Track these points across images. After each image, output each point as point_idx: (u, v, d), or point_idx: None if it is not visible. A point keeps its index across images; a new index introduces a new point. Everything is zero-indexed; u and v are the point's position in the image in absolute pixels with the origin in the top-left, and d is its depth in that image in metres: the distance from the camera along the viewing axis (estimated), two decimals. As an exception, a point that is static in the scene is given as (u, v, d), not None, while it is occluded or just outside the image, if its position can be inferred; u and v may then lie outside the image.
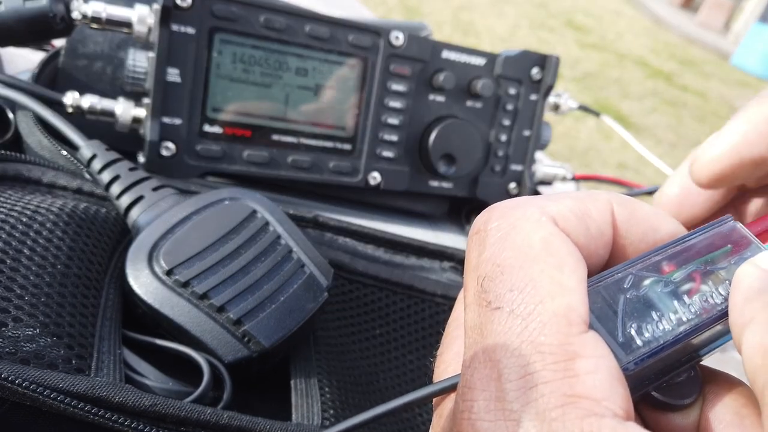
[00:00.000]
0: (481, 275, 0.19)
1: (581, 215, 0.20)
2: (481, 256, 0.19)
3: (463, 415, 0.17)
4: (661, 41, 6.45)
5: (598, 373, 0.16)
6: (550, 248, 0.19)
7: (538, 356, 0.17)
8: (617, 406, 0.16)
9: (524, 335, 0.17)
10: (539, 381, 0.16)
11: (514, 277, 0.18)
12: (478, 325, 0.18)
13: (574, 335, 0.17)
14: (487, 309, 0.18)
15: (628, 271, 0.20)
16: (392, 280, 0.40)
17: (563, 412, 0.16)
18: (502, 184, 0.54)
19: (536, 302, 0.18)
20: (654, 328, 0.18)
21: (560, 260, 0.18)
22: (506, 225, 0.19)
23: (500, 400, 0.17)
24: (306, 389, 0.31)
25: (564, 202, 0.20)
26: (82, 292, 0.30)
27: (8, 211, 0.31)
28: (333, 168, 0.48)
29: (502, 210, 0.20)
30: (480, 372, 0.18)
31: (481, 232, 0.20)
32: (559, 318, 0.17)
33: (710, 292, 0.20)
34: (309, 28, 0.44)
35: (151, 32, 0.41)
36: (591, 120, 3.44)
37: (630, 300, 0.19)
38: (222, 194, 0.35)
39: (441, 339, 0.39)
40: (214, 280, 0.31)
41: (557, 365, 0.17)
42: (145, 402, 0.25)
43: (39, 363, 0.25)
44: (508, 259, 0.19)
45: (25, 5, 0.41)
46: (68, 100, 0.42)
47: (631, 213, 0.21)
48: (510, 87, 0.52)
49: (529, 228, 0.19)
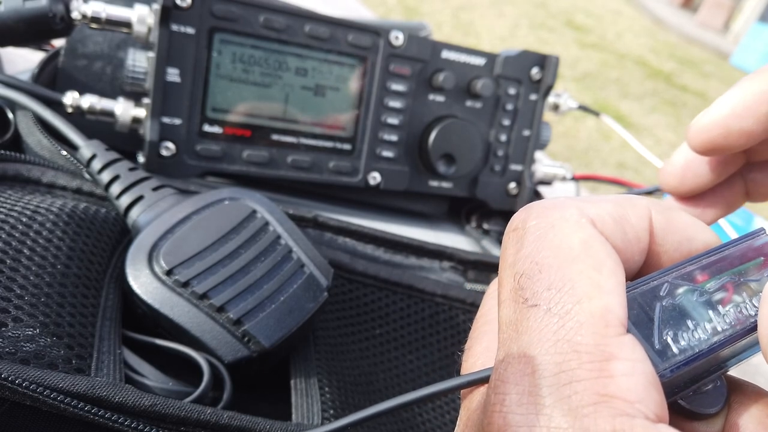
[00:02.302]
0: (519, 272, 0.19)
1: (620, 219, 0.20)
2: (518, 254, 0.19)
3: (495, 407, 0.18)
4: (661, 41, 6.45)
5: (633, 375, 0.17)
6: (589, 250, 0.19)
7: (574, 355, 0.17)
8: (650, 411, 0.16)
9: (560, 333, 0.17)
10: (573, 379, 0.17)
11: (553, 276, 0.18)
12: (514, 321, 0.19)
13: (611, 336, 0.17)
14: (523, 306, 0.18)
15: (664, 279, 0.20)
16: (392, 280, 0.40)
17: (595, 409, 0.16)
18: (502, 183, 0.54)
19: (574, 302, 0.18)
20: (690, 336, 0.19)
21: (599, 262, 0.18)
22: (545, 224, 0.19)
23: (533, 394, 0.17)
24: (306, 389, 0.31)
25: (603, 205, 0.20)
26: (82, 292, 0.30)
27: (8, 211, 0.31)
28: (333, 168, 0.48)
29: (540, 209, 0.20)
30: (514, 367, 0.18)
31: (519, 230, 0.20)
32: (596, 319, 0.17)
33: (743, 303, 0.20)
34: (309, 28, 0.44)
35: (151, 32, 0.41)
36: (591, 120, 3.44)
37: (666, 308, 0.19)
38: (222, 194, 0.35)
39: (441, 338, 0.39)
40: (213, 280, 0.31)
41: (592, 365, 0.17)
42: (144, 402, 0.25)
43: (39, 363, 0.25)
44: (547, 258, 0.19)
45: (25, 5, 0.41)
46: (68, 100, 0.42)
47: (668, 221, 0.21)
48: (510, 87, 0.52)
49: (569, 229, 0.19)
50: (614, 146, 3.36)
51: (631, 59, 5.28)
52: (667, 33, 6.98)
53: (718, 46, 7.02)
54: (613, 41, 5.70)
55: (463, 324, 0.40)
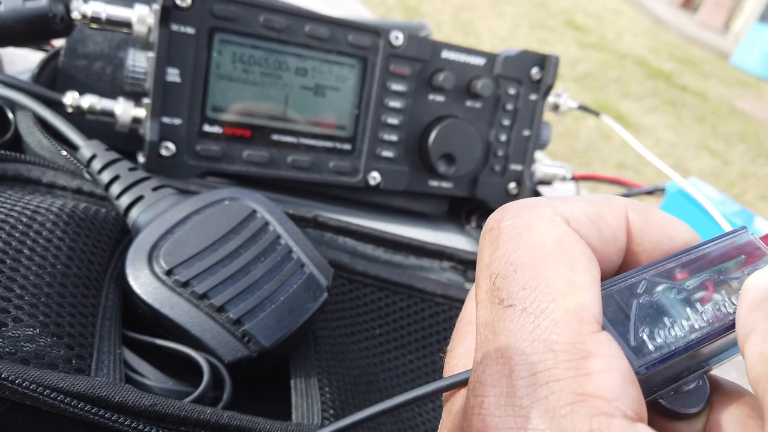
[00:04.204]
0: (494, 273, 0.19)
1: (595, 219, 0.20)
2: (494, 254, 0.20)
3: (474, 410, 0.18)
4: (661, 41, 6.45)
5: (610, 372, 0.17)
6: (563, 247, 0.19)
7: (550, 354, 0.17)
8: (628, 407, 0.16)
9: (536, 333, 0.17)
10: (550, 378, 0.17)
11: (527, 275, 0.18)
12: (490, 322, 0.19)
13: (586, 334, 0.17)
14: (499, 306, 0.18)
15: (641, 276, 0.20)
16: (392, 279, 0.40)
17: (572, 409, 0.16)
18: (502, 183, 0.54)
19: (549, 300, 0.18)
20: (666, 333, 0.19)
21: (573, 259, 0.18)
22: (520, 224, 0.20)
23: (511, 396, 0.17)
24: (306, 389, 0.31)
25: (578, 204, 0.20)
26: (82, 292, 0.30)
27: (8, 211, 0.31)
28: (333, 168, 0.48)
29: (515, 209, 0.20)
30: (491, 368, 0.18)
31: (494, 230, 0.20)
32: (571, 316, 0.17)
33: (722, 302, 0.20)
34: (309, 28, 0.44)
35: (151, 32, 0.41)
36: (591, 120, 3.44)
37: (643, 305, 0.19)
38: (222, 194, 0.35)
39: (441, 338, 0.39)
40: (213, 280, 0.31)
41: (569, 363, 0.17)
42: (145, 402, 0.25)
43: (39, 363, 0.25)
44: (521, 258, 0.19)
45: (25, 5, 0.41)
46: (68, 100, 0.42)
47: (646, 220, 0.21)
48: (510, 87, 0.52)
49: (543, 227, 0.19)
50: (614, 146, 3.36)
51: (631, 59, 5.28)
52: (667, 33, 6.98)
53: (718, 46, 7.02)
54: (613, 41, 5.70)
55: (463, 324, 0.40)
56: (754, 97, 5.55)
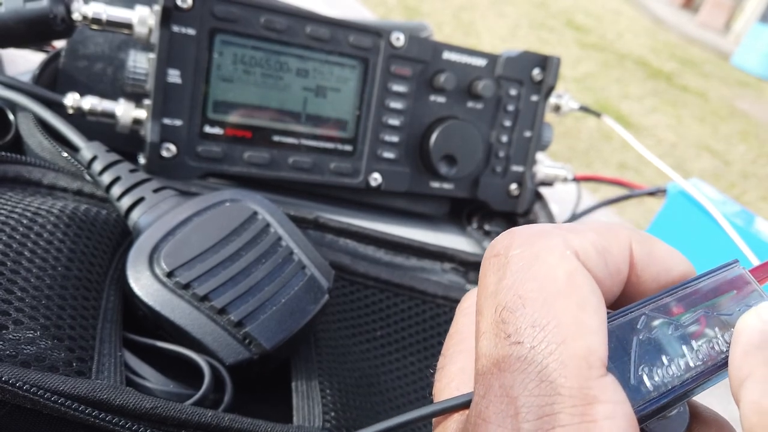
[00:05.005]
0: (500, 304, 0.19)
1: (602, 251, 0.20)
2: (500, 283, 0.19)
3: None
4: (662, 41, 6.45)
5: (615, 419, 0.17)
6: (574, 285, 0.18)
7: (557, 398, 0.17)
8: None
9: (544, 374, 0.17)
10: (557, 424, 0.17)
11: (536, 312, 0.18)
12: (495, 356, 0.18)
13: (593, 378, 0.17)
14: (506, 341, 0.18)
15: (641, 311, 0.20)
16: (393, 281, 0.40)
17: None
18: (503, 185, 0.54)
19: (558, 342, 0.17)
20: (664, 372, 0.19)
21: (583, 299, 0.18)
22: (529, 254, 0.19)
23: None
24: (307, 391, 0.31)
25: (586, 236, 0.20)
26: (82, 294, 0.30)
27: (9, 213, 0.31)
28: (334, 169, 0.47)
29: (525, 237, 0.20)
30: (496, 406, 0.18)
31: (501, 257, 0.20)
32: (579, 360, 0.17)
33: (715, 339, 0.20)
34: (309, 29, 0.44)
35: (152, 33, 0.41)
36: (591, 120, 3.44)
37: (642, 342, 0.19)
38: (223, 196, 0.35)
39: (442, 340, 0.39)
40: (215, 282, 0.31)
41: (575, 409, 0.17)
42: (145, 404, 0.25)
43: (40, 366, 0.25)
44: (531, 292, 0.18)
45: (26, 6, 0.41)
46: (69, 101, 0.42)
47: (648, 252, 0.21)
48: (511, 88, 0.52)
49: (553, 261, 0.19)
50: (615, 146, 3.36)
51: (631, 59, 5.28)
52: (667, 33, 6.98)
53: (718, 46, 7.02)
54: (613, 41, 5.70)
55: (465, 325, 0.40)
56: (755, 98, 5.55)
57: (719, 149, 3.92)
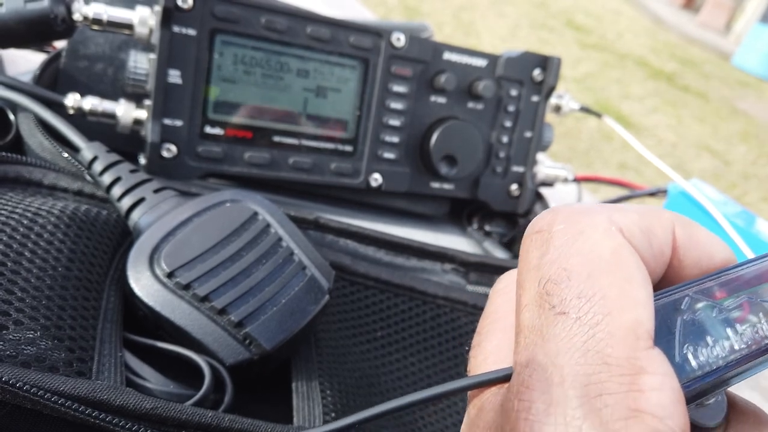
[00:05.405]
0: (545, 277, 0.19)
1: (646, 231, 0.20)
2: (544, 258, 0.19)
3: (520, 414, 0.17)
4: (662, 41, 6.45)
5: (663, 391, 0.17)
6: (620, 260, 0.18)
7: (604, 367, 0.17)
8: (678, 426, 0.16)
9: (590, 344, 0.17)
10: (604, 391, 0.16)
11: (582, 284, 0.18)
12: (539, 327, 0.18)
13: (641, 350, 0.17)
14: (550, 312, 0.18)
15: (684, 292, 0.20)
16: (393, 282, 0.40)
17: (626, 425, 0.16)
18: (504, 185, 0.54)
19: (605, 313, 0.17)
20: (708, 353, 0.19)
21: (630, 273, 0.18)
22: (573, 230, 0.19)
23: (561, 405, 0.17)
24: (307, 392, 0.31)
25: (630, 215, 0.20)
26: (83, 294, 0.30)
27: (9, 213, 0.31)
28: (334, 169, 0.47)
29: (568, 213, 0.20)
30: (540, 374, 0.17)
31: (545, 232, 0.20)
32: (627, 331, 0.17)
33: (759, 324, 0.20)
34: (310, 30, 0.44)
35: (152, 34, 0.41)
36: (592, 120, 3.44)
37: (686, 322, 0.19)
38: (223, 196, 0.35)
39: (442, 340, 0.39)
40: (215, 283, 0.31)
41: (623, 378, 0.17)
42: (146, 405, 0.25)
43: (40, 366, 0.25)
44: (576, 266, 0.18)
45: (27, 7, 0.41)
46: (69, 101, 0.42)
47: (690, 236, 0.21)
48: (511, 88, 0.52)
49: (598, 237, 0.19)
50: (615, 147, 3.36)
51: (632, 59, 5.28)
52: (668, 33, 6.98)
53: (719, 46, 7.01)
54: (614, 41, 5.70)
55: (465, 326, 0.40)
56: (756, 98, 5.55)
57: (720, 150, 3.91)
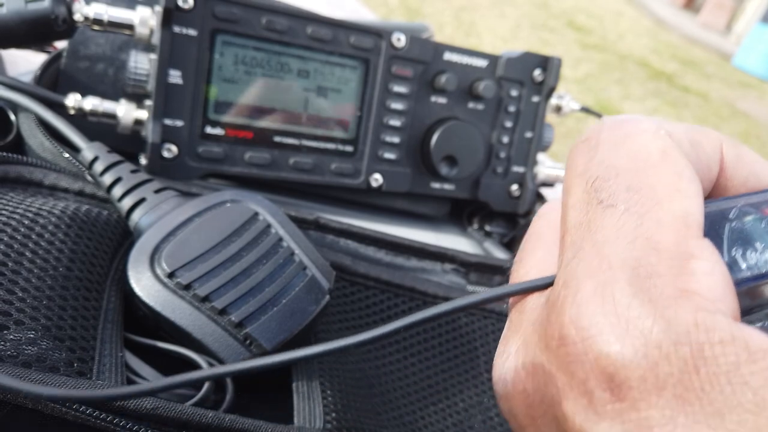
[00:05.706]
0: (592, 176, 0.19)
1: (695, 143, 0.20)
2: (591, 161, 0.19)
3: (566, 299, 0.17)
4: (663, 42, 6.45)
5: (714, 275, 0.16)
6: (668, 157, 0.18)
7: (653, 252, 0.16)
8: (729, 311, 0.16)
9: (639, 231, 0.17)
10: (653, 273, 0.16)
11: (631, 178, 0.18)
12: (586, 222, 0.18)
13: (691, 238, 0.17)
14: (598, 206, 0.18)
15: (733, 203, 0.20)
16: (394, 282, 0.40)
17: (676, 302, 0.16)
18: (504, 185, 0.54)
19: (654, 203, 0.17)
20: (757, 256, 0.19)
21: (679, 169, 0.18)
22: (621, 134, 0.19)
23: (610, 286, 0.16)
24: (308, 392, 0.31)
25: (679, 127, 0.20)
26: (83, 294, 0.30)
27: (10, 214, 0.31)
28: (335, 170, 0.48)
29: (615, 121, 0.20)
30: (587, 262, 0.17)
31: (592, 139, 0.20)
32: (676, 219, 0.17)
33: None
34: (311, 30, 0.44)
35: (153, 34, 0.41)
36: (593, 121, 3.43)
37: (734, 229, 0.19)
38: (224, 196, 0.35)
39: (443, 340, 0.39)
40: (215, 283, 0.31)
41: (673, 262, 0.16)
42: (146, 405, 0.25)
43: (41, 366, 0.25)
44: (625, 163, 0.18)
45: (27, 7, 0.41)
46: (70, 102, 0.42)
47: (738, 155, 0.21)
48: (512, 88, 0.52)
49: (646, 138, 0.19)
50: (616, 147, 3.36)
51: (632, 60, 5.28)
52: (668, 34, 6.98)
53: (720, 47, 7.01)
54: (614, 42, 5.70)
55: (465, 326, 0.40)
56: (756, 98, 5.55)
57: (720, 150, 3.90)
